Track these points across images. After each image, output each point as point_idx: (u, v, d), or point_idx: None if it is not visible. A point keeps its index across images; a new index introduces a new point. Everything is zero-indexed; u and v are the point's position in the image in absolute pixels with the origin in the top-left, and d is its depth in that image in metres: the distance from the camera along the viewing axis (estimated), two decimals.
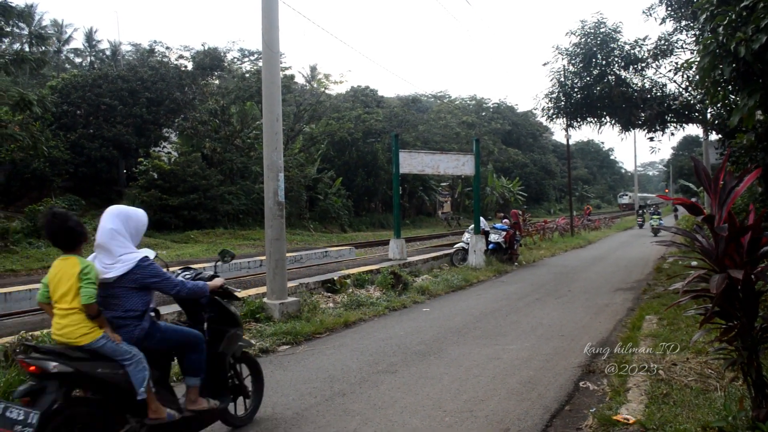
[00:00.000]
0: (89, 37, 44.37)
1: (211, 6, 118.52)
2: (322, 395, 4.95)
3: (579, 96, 14.35)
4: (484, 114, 64.34)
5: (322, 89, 46.35)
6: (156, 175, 25.47)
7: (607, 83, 13.59)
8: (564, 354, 6.16)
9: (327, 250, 20.41)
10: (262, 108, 9.11)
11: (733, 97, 7.92)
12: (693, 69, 10.18)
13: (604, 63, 13.82)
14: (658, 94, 13.79)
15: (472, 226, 14.98)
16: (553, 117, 15.31)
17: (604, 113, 14.79)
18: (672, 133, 14.87)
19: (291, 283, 9.09)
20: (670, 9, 13.06)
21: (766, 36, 5.39)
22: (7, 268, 15.25)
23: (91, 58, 44.45)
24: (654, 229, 27.89)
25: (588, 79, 13.98)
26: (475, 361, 5.90)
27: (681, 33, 13.53)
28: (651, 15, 13.81)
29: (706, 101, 11.25)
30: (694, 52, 11.81)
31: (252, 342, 5.80)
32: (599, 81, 13.69)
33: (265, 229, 8.17)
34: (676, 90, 13.83)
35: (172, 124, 30.95)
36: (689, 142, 61.24)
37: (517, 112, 71.63)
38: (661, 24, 13.51)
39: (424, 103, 61.09)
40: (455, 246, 15.80)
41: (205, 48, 35.75)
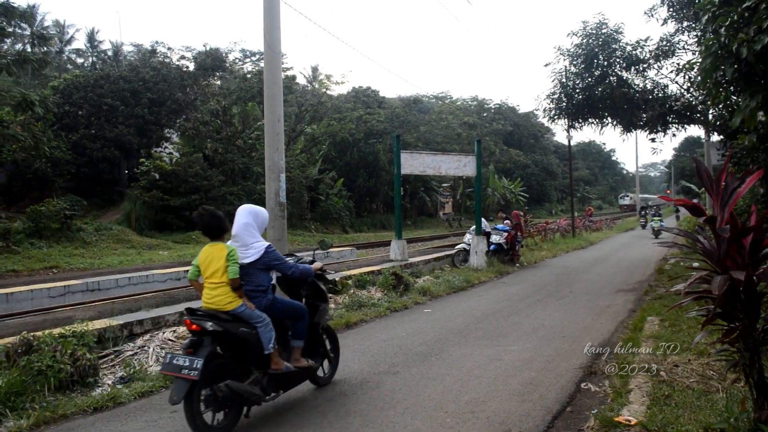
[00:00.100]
0: (91, 37, 44.48)
1: (213, 7, 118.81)
2: (323, 396, 4.96)
3: (580, 97, 14.32)
4: (485, 115, 64.29)
5: (324, 90, 46.46)
6: (157, 176, 25.43)
7: (608, 84, 13.57)
8: (565, 355, 6.15)
9: (328, 251, 20.38)
10: (263, 109, 9.12)
11: (735, 98, 7.91)
12: (695, 70, 10.18)
13: (605, 64, 13.79)
14: (660, 95, 13.76)
15: (474, 227, 14.98)
16: (555, 118, 15.27)
17: (606, 114, 14.76)
18: (674, 134, 14.86)
19: None
20: (671, 10, 13.05)
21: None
22: (9, 269, 15.27)
23: (93, 59, 44.56)
24: (655, 231, 26.97)
25: (589, 79, 13.95)
26: (476, 362, 5.89)
27: (683, 34, 13.51)
28: (653, 16, 13.80)
29: (708, 102, 11.24)
30: (696, 53, 11.81)
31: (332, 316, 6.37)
32: (601, 82, 13.66)
33: (267, 230, 8.17)
34: (678, 91, 13.81)
35: (174, 124, 30.98)
36: (691, 143, 61.20)
37: (519, 112, 71.61)
38: (662, 25, 13.51)
39: (425, 103, 61.12)
40: (457, 247, 15.79)
41: (207, 48, 35.87)
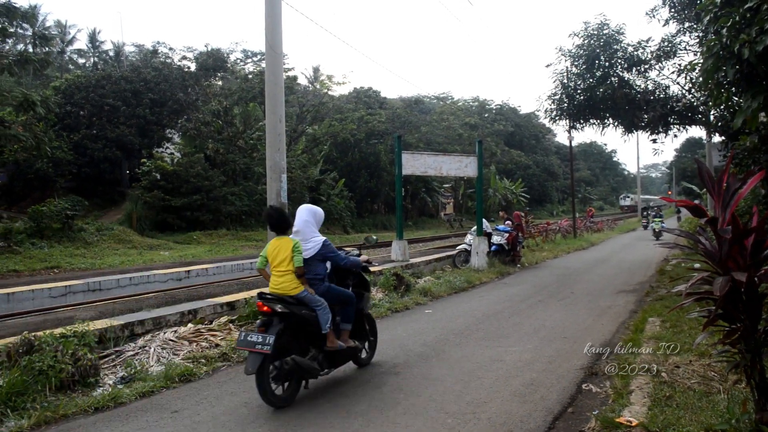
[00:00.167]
0: (93, 38, 44.58)
1: (215, 7, 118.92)
2: (324, 396, 4.96)
3: (582, 97, 14.30)
4: (486, 115, 64.26)
5: (325, 90, 46.49)
6: (159, 176, 25.45)
7: (610, 85, 13.55)
8: (566, 356, 6.14)
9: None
10: (265, 109, 9.12)
11: (737, 99, 7.90)
12: (696, 71, 10.18)
13: (607, 64, 13.77)
14: (661, 96, 13.74)
15: (475, 227, 14.97)
16: (556, 118, 15.25)
17: (607, 115, 14.74)
18: (675, 135, 14.82)
19: None
20: (673, 11, 13.05)
21: None
22: (10, 269, 15.29)
23: (95, 59, 44.65)
24: (656, 232, 26.61)
25: (591, 80, 13.93)
26: (477, 363, 5.89)
27: (684, 35, 13.50)
28: (654, 17, 13.80)
29: (710, 103, 11.22)
30: (698, 54, 11.78)
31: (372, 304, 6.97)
32: (602, 82, 13.64)
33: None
34: (680, 92, 13.78)
35: (175, 125, 31.01)
36: (692, 144, 61.16)
37: (520, 113, 71.62)
38: (664, 26, 13.55)
39: (426, 104, 61.15)
40: (458, 247, 15.78)
41: (209, 49, 35.95)
